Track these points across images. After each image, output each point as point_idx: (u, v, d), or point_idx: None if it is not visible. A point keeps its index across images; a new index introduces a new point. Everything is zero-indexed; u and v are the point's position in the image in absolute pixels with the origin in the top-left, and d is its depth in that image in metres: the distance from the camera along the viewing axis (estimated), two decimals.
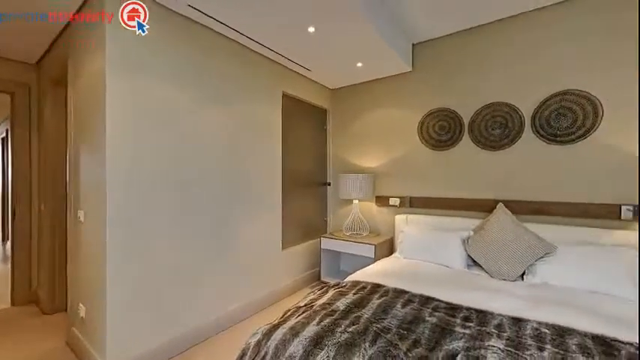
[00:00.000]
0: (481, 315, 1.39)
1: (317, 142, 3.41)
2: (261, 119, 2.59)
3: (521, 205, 2.28)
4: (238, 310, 2.37)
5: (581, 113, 2.11)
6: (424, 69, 2.83)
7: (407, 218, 2.80)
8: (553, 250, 1.95)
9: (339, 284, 1.83)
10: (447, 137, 2.68)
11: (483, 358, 1.06)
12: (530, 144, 2.30)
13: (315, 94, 3.28)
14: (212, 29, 2.16)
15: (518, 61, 2.35)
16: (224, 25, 2.10)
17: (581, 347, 1.12)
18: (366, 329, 1.24)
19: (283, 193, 2.83)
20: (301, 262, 3.10)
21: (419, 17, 2.44)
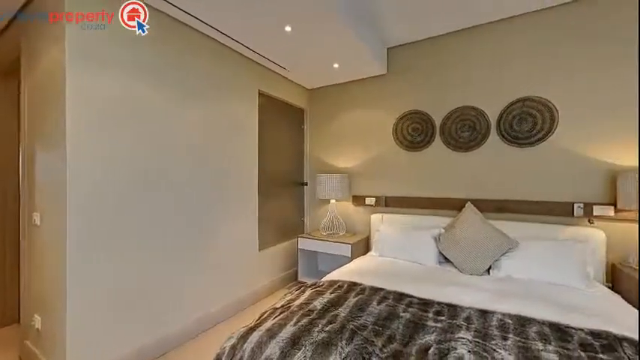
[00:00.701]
0: (451, 309, 1.46)
1: (294, 141, 3.40)
2: (237, 118, 2.54)
3: (487, 203, 2.42)
4: (215, 313, 2.31)
5: (540, 118, 2.27)
6: (398, 72, 2.91)
7: (382, 217, 2.87)
8: (516, 245, 2.08)
9: (316, 284, 1.83)
10: (420, 139, 2.78)
11: (453, 349, 1.11)
12: (496, 146, 2.45)
13: (293, 93, 3.27)
14: (187, 25, 2.08)
15: (485, 68, 2.49)
16: (199, 21, 2.03)
17: (540, 334, 1.21)
18: (342, 328, 1.25)
19: (260, 193, 2.79)
20: (278, 262, 3.08)
21: (393, 22, 2.51)
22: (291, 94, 3.25)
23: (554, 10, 2.23)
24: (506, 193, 2.40)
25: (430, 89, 2.74)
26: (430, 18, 2.45)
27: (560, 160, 2.22)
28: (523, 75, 2.35)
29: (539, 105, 2.27)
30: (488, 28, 2.48)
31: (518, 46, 2.36)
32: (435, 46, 2.72)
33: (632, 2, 1.99)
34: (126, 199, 1.76)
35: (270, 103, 2.99)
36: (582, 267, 1.87)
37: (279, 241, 3.10)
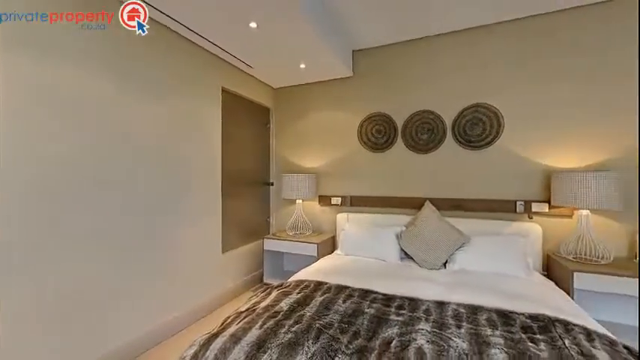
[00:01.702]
0: (412, 302, 1.54)
1: (259, 141, 3.33)
2: (198, 115, 2.42)
3: (444, 201, 2.59)
4: (174, 320, 2.17)
5: (489, 124, 2.49)
6: (364, 75, 3.00)
7: (347, 216, 2.93)
8: (468, 240, 2.26)
9: (282, 285, 1.82)
10: (383, 140, 2.89)
11: (414, 340, 1.17)
12: (452, 148, 2.63)
13: (258, 92, 3.20)
14: None
15: (443, 75, 2.67)
16: (158, 12, 1.91)
17: (489, 321, 1.33)
18: (309, 327, 1.26)
19: (223, 194, 2.69)
20: (243, 264, 2.99)
21: (359, 26, 2.57)
22: (257, 92, 3.18)
23: (502, 25, 2.46)
24: (460, 192, 2.59)
25: (393, 93, 2.86)
26: (394, 25, 2.56)
27: (506, 162, 2.45)
28: (475, 83, 2.55)
29: (488, 111, 2.49)
30: (446, 38, 2.65)
31: (472, 56, 2.56)
32: (398, 51, 2.84)
33: (573, 26, 2.26)
34: (66, 200, 1.58)
35: (234, 101, 2.90)
36: (523, 258, 2.09)
37: (244, 242, 3.02)
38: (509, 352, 1.09)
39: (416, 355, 1.08)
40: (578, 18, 2.24)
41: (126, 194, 1.87)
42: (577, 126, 2.25)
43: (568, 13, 2.26)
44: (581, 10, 2.23)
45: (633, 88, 2.10)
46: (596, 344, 1.14)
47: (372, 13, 2.38)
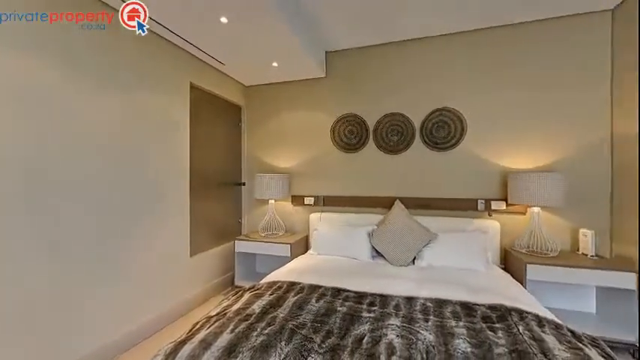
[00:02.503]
0: (383, 299, 1.58)
1: (230, 139, 3.24)
2: (164, 111, 2.30)
3: (413, 200, 2.70)
4: (138, 329, 2.04)
5: (453, 127, 2.63)
6: (336, 76, 3.03)
7: (320, 216, 2.95)
8: (435, 237, 2.37)
9: (254, 287, 1.78)
10: (355, 141, 2.95)
11: (384, 335, 1.20)
12: (420, 150, 2.75)
13: (229, 89, 3.12)
14: (107, 4, 1.82)
15: (413, 79, 2.77)
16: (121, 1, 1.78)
17: (453, 313, 1.41)
18: (282, 328, 1.25)
19: (192, 195, 2.58)
20: (214, 267, 2.89)
21: (332, 28, 2.60)
22: (228, 89, 3.09)
23: (465, 34, 2.61)
24: (428, 191, 2.71)
25: (365, 95, 2.93)
26: (366, 28, 2.61)
27: (468, 163, 2.61)
28: (441, 88, 2.69)
29: (453, 115, 2.64)
30: (415, 44, 2.76)
31: (439, 62, 2.69)
32: (370, 54, 2.91)
33: (529, 39, 2.46)
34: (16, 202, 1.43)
35: (204, 98, 2.79)
36: (484, 253, 2.23)
37: (214, 244, 2.92)
38: (471, 341, 1.16)
39: (386, 349, 1.11)
40: (534, 32, 2.44)
41: (85, 195, 1.73)
42: (530, 131, 2.46)
43: (525, 26, 2.46)
44: (536, 25, 2.43)
45: (579, 98, 2.34)
46: (545, 329, 1.26)
47: (344, 16, 2.41)
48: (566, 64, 2.37)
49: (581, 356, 1.06)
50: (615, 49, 2.25)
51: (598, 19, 2.30)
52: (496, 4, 2.24)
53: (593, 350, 1.13)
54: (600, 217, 2.29)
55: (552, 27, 2.39)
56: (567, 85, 2.37)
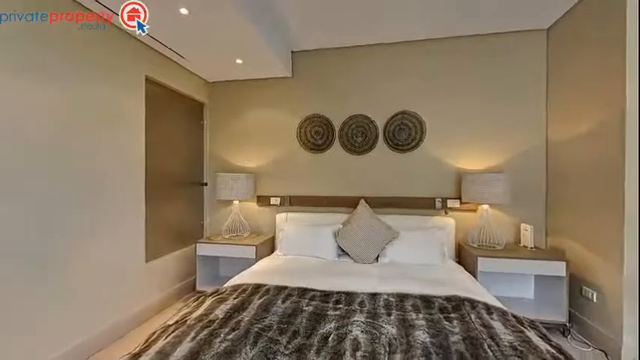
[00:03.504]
0: (348, 296, 1.62)
1: (192, 138, 3.09)
2: (115, 106, 2.11)
3: (377, 200, 2.79)
4: (89, 341, 1.86)
5: (414, 129, 2.78)
6: (303, 76, 3.03)
7: (287, 216, 2.93)
8: (397, 235, 2.48)
9: (217, 291, 1.72)
10: (321, 141, 2.97)
11: (350, 332, 1.23)
12: (383, 151, 2.86)
13: (191, 85, 2.96)
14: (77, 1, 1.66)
15: (376, 82, 2.87)
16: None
17: (414, 306, 1.49)
18: (247, 332, 1.22)
19: (148, 196, 2.40)
20: (173, 273, 2.73)
21: (298, 28, 2.59)
22: (189, 85, 2.94)
23: (426, 42, 2.76)
24: (391, 190, 2.83)
25: (331, 96, 2.97)
26: (332, 31, 2.65)
27: (427, 164, 2.77)
28: (403, 92, 2.82)
29: (413, 119, 2.78)
30: (379, 49, 2.86)
31: (401, 67, 2.82)
32: (336, 56, 2.96)
33: (485, 50, 2.67)
34: None
35: (162, 93, 2.62)
36: (441, 248, 2.39)
37: (173, 248, 2.75)
38: (430, 331, 1.24)
39: (352, 345, 1.14)
40: (484, 44, 2.66)
41: (23, 195, 1.52)
42: (481, 135, 2.68)
43: (476, 38, 2.67)
44: (486, 38, 2.66)
45: (521, 108, 2.60)
46: (493, 316, 1.38)
47: (310, 17, 2.43)
48: (510, 76, 2.63)
49: (522, 338, 1.18)
50: (550, 65, 2.55)
51: (535, 37, 2.58)
52: (451, 17, 2.41)
53: (532, 332, 1.27)
54: (538, 213, 2.57)
55: (498, 41, 2.64)
56: (511, 94, 2.62)
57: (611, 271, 1.90)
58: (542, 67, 2.58)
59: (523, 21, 2.47)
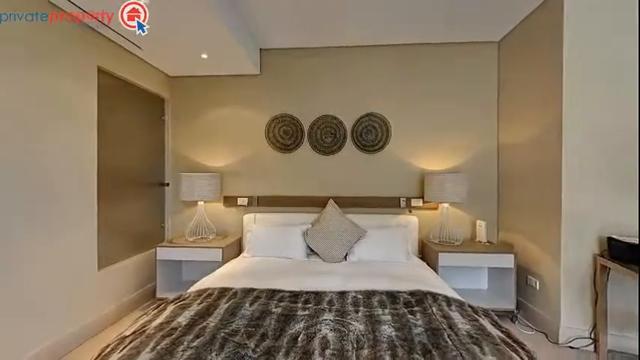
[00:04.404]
0: (317, 296, 1.63)
1: (152, 135, 2.90)
2: (62, 97, 1.91)
3: (346, 199, 2.84)
4: (37, 357, 1.66)
5: (380, 131, 2.87)
6: (271, 75, 2.99)
7: (255, 217, 2.87)
8: (364, 233, 2.55)
9: (180, 297, 1.63)
10: (290, 141, 2.96)
11: (319, 331, 1.24)
12: (351, 151, 2.92)
13: (150, 78, 2.77)
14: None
15: (345, 83, 2.92)
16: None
17: (380, 302, 1.54)
18: (213, 338, 1.17)
19: (101, 197, 2.21)
20: (130, 280, 2.54)
21: (266, 25, 2.55)
22: (148, 78, 2.75)
23: (390, 47, 2.87)
24: (359, 190, 2.90)
25: (300, 96, 2.96)
26: (300, 31, 2.65)
27: (393, 164, 2.88)
28: (370, 94, 2.90)
29: (380, 120, 2.88)
30: (349, 51, 2.91)
31: (368, 70, 2.90)
32: (305, 56, 2.95)
33: (445, 56, 2.82)
34: None
35: (117, 86, 2.42)
36: (406, 245, 2.49)
37: (130, 254, 2.56)
38: (395, 325, 1.29)
39: (321, 344, 1.15)
40: (445, 52, 2.83)
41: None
42: (442, 137, 2.85)
43: (442, 46, 2.83)
44: (446, 46, 2.83)
45: (476, 113, 2.81)
46: (452, 308, 1.47)
47: (279, 16, 2.40)
48: (467, 83, 2.82)
49: (477, 326, 1.28)
50: (500, 75, 2.78)
51: (488, 48, 2.81)
52: (414, 26, 2.53)
53: (486, 320, 1.38)
54: (490, 210, 2.80)
55: (456, 50, 2.83)
56: (468, 100, 2.82)
57: (551, 262, 2.13)
58: (495, 76, 2.81)
59: (478, 33, 2.68)
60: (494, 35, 2.71)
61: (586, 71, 1.96)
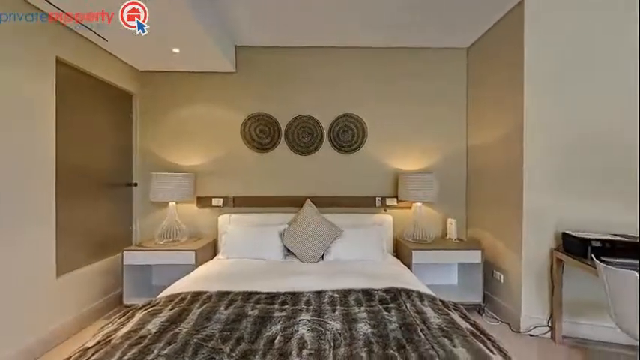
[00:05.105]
0: (294, 296, 1.62)
1: (118, 133, 2.73)
2: (12, 90, 1.75)
3: (323, 199, 2.86)
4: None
5: (356, 131, 2.92)
6: (248, 73, 2.93)
7: (230, 218, 2.80)
8: (341, 233, 2.57)
9: (150, 303, 1.55)
10: (267, 141, 2.92)
11: (296, 332, 1.24)
12: (328, 152, 2.94)
13: (117, 72, 2.62)
14: None
15: (323, 84, 2.93)
16: None
17: (356, 300, 1.56)
18: (185, 344, 1.13)
19: (60, 199, 2.05)
20: (94, 286, 2.38)
21: (242, 22, 2.50)
22: (115, 72, 2.59)
23: (369, 50, 2.92)
24: (336, 190, 2.92)
25: (277, 95, 2.93)
26: (275, 29, 2.62)
27: (369, 165, 2.94)
28: (347, 95, 2.94)
29: (356, 121, 2.92)
30: (324, 52, 2.93)
31: (346, 71, 2.94)
32: (282, 55, 2.93)
33: (416, 60, 2.91)
34: None
35: (79, 79, 2.26)
36: (381, 244, 2.55)
37: (93, 259, 2.40)
38: (371, 322, 1.32)
39: (298, 344, 1.14)
40: (420, 56, 2.93)
41: None
42: (415, 138, 2.95)
43: (416, 51, 2.92)
44: (424, 52, 2.92)
45: (448, 116, 2.94)
46: (425, 303, 1.53)
47: (255, 13, 2.36)
48: (439, 87, 2.94)
49: (448, 320, 1.34)
50: (469, 80, 2.93)
51: (458, 54, 2.95)
52: (390, 30, 2.60)
53: (456, 313, 1.45)
54: (460, 208, 2.94)
55: (429, 55, 2.94)
56: (439, 103, 2.94)
57: (514, 257, 2.27)
58: (464, 81, 2.96)
59: (448, 40, 2.80)
60: (463, 42, 2.85)
61: (545, 77, 2.12)
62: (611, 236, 1.86)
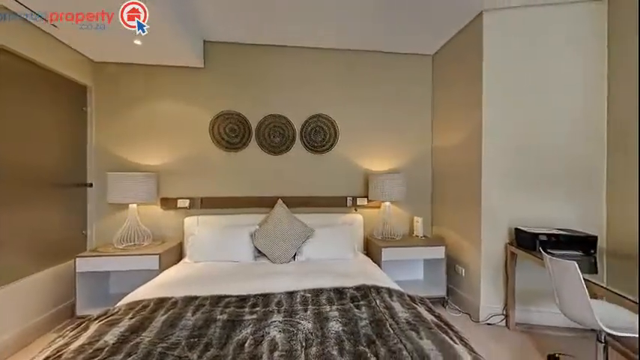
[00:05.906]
0: (265, 298, 1.59)
1: (70, 129, 2.50)
2: None
3: (294, 199, 2.84)
4: None
5: (328, 132, 2.95)
6: (217, 69, 2.83)
7: (198, 220, 2.69)
8: (312, 233, 2.58)
9: (107, 313, 1.44)
10: (237, 140, 2.84)
11: (267, 334, 1.22)
12: (300, 152, 2.93)
13: (68, 62, 2.39)
14: None
15: (295, 83, 2.92)
16: None
17: (328, 299, 1.58)
18: (148, 355, 1.06)
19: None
20: (40, 297, 2.15)
21: (210, 15, 2.40)
22: (65, 62, 2.37)
23: (341, 52, 2.95)
24: (307, 190, 2.92)
25: (248, 93, 2.87)
26: (245, 25, 2.56)
27: (340, 165, 2.98)
28: (318, 95, 2.95)
29: (328, 122, 2.95)
30: (297, 51, 2.91)
31: (317, 72, 2.95)
32: (253, 52, 2.87)
33: (386, 65, 2.99)
34: None
35: (23, 69, 2.03)
36: (352, 243, 2.60)
37: (40, 267, 2.17)
38: (342, 320, 1.34)
39: (269, 347, 1.13)
40: (389, 60, 3.02)
41: None
42: (384, 139, 3.04)
43: (385, 55, 3.01)
44: (393, 56, 3.02)
45: (414, 118, 3.06)
46: (393, 298, 1.58)
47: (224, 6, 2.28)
48: (406, 91, 3.07)
49: (415, 313, 1.40)
50: (434, 85, 3.09)
51: (424, 60, 3.09)
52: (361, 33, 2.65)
53: (422, 307, 1.52)
54: (426, 207, 3.09)
55: (397, 60, 3.05)
56: (406, 106, 3.07)
57: (474, 251, 2.43)
58: (429, 86, 3.11)
59: (415, 47, 2.94)
60: (429, 49, 2.99)
61: (500, 84, 2.30)
62: (556, 231, 2.06)
